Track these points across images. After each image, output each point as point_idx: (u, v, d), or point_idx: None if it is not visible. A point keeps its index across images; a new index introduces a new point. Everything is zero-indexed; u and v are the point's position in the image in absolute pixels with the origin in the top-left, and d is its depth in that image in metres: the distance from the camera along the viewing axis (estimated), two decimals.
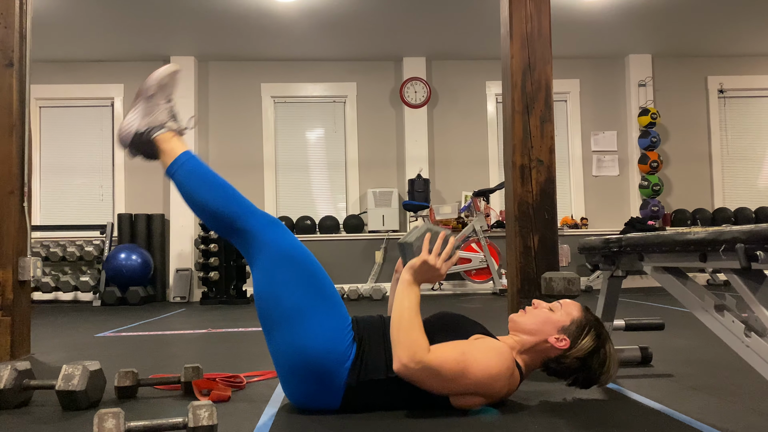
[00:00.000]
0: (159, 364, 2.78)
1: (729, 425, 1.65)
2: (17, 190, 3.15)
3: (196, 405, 1.56)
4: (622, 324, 2.53)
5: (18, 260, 3.15)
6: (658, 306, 4.99)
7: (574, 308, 1.89)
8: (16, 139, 3.16)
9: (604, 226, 7.82)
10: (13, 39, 3.19)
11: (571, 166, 7.93)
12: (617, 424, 1.67)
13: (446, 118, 7.83)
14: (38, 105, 7.60)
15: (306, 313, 1.77)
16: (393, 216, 7.42)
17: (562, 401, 1.94)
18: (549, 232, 3.29)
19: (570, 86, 7.95)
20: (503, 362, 1.73)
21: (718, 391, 2.04)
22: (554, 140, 3.32)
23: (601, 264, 2.34)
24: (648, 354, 2.57)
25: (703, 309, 1.73)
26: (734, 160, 8.06)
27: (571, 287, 2.73)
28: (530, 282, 3.25)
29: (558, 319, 1.85)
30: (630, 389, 2.10)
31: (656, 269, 1.95)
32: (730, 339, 1.61)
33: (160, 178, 7.54)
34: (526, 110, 3.31)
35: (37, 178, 7.53)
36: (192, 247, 7.31)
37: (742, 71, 8.06)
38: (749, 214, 7.73)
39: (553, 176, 3.33)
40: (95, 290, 6.85)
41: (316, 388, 1.78)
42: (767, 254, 1.41)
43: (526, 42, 3.33)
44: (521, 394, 2.04)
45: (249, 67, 7.72)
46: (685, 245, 1.70)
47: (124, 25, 6.51)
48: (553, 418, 1.75)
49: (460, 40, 7.22)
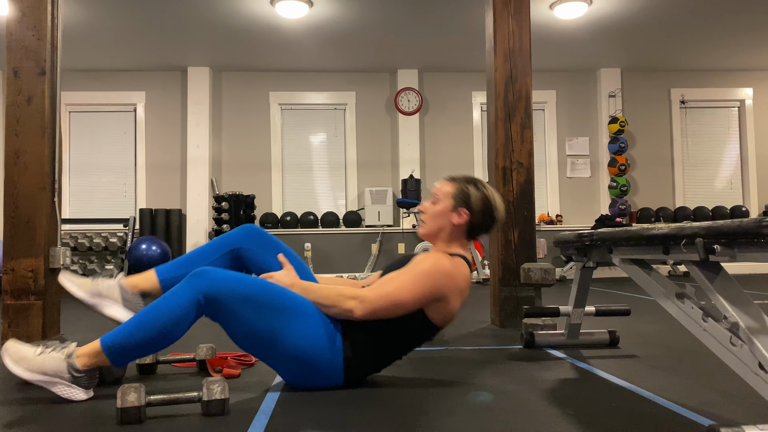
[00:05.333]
0: (176, 344, 2.77)
1: (687, 400, 1.65)
2: (48, 186, 3.13)
3: (209, 380, 1.56)
4: (592, 310, 2.54)
5: (49, 250, 3.13)
6: (626, 294, 5.00)
7: (446, 186, 1.95)
8: (47, 141, 3.15)
9: (577, 223, 7.83)
10: (45, 49, 3.17)
11: (548, 169, 7.93)
12: (587, 399, 1.67)
13: (436, 124, 7.81)
14: (68, 110, 7.56)
15: (280, 329, 1.71)
16: (388, 212, 7.41)
17: (533, 378, 1.95)
18: (527, 228, 3.29)
19: (547, 96, 7.94)
20: (434, 258, 1.80)
21: (678, 371, 2.04)
22: (533, 145, 3.32)
23: (574, 256, 2.34)
24: (615, 337, 2.57)
25: (665, 297, 1.73)
26: (694, 164, 8.08)
27: (547, 276, 2.73)
28: (510, 272, 3.25)
29: (445, 204, 1.92)
30: (599, 368, 2.10)
31: (624, 261, 1.95)
32: (689, 324, 1.62)
33: (178, 176, 7.52)
34: (508, 118, 3.32)
35: (66, 176, 7.50)
36: (206, 239, 7.29)
37: (702, 84, 8.07)
38: (707, 212, 7.76)
39: (531, 177, 3.34)
40: None
41: (321, 375, 1.78)
42: (723, 248, 1.41)
43: (508, 56, 3.33)
44: (493, 373, 2.04)
45: (258, 77, 7.69)
46: (650, 239, 1.70)
47: (146, 38, 6.48)
48: (526, 394, 1.75)
49: (449, 54, 7.20)
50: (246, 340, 1.74)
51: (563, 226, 7.68)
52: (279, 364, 1.77)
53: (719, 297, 1.47)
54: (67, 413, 1.60)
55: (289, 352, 1.73)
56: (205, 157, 7.33)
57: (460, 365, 2.19)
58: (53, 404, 1.68)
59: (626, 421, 1.46)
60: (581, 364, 2.18)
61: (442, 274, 1.79)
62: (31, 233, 3.08)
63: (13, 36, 3.15)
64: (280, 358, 1.75)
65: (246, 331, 1.71)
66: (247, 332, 1.71)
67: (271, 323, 1.70)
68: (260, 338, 1.72)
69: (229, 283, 1.68)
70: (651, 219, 7.72)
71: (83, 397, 1.69)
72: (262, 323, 1.70)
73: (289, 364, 1.75)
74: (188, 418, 1.54)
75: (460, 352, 2.48)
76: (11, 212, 3.09)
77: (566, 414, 1.53)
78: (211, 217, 7.28)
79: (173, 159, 7.55)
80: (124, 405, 1.47)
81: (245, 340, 1.74)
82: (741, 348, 1.41)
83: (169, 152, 7.56)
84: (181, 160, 7.53)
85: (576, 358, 2.29)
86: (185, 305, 1.66)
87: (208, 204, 7.31)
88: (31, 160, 3.11)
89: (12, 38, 3.15)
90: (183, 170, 7.52)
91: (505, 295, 3.22)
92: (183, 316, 1.66)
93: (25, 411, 1.63)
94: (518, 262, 3.25)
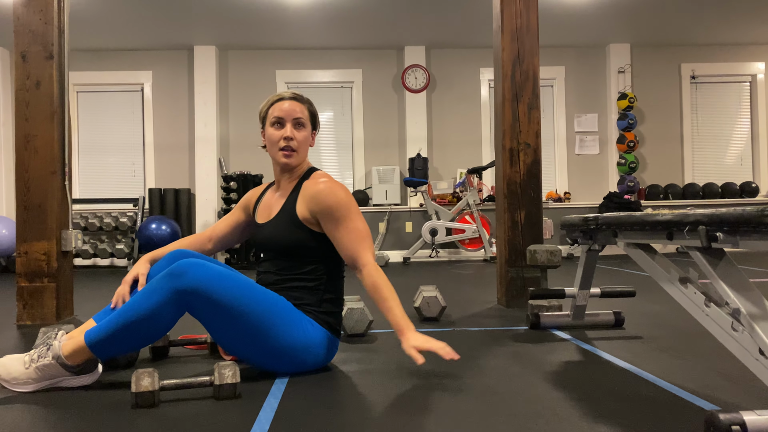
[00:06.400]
0: (188, 325, 2.83)
1: (688, 383, 1.68)
2: (59, 170, 3.17)
3: (221, 365, 1.60)
4: (598, 292, 2.56)
5: (61, 233, 3.18)
6: (633, 272, 5.01)
7: (291, 111, 1.94)
8: (57, 125, 3.17)
9: (585, 200, 7.81)
10: (52, 33, 3.18)
11: (556, 146, 7.90)
12: (589, 382, 1.70)
13: (443, 102, 7.77)
14: (75, 90, 7.57)
15: (263, 329, 1.72)
16: (395, 191, 7.42)
17: (537, 361, 1.98)
18: (534, 209, 3.31)
19: (556, 73, 7.87)
20: (342, 189, 1.91)
21: (682, 353, 2.07)
22: (540, 125, 3.31)
23: (579, 239, 2.35)
24: (621, 318, 2.60)
25: (669, 281, 1.75)
26: (703, 140, 8.01)
27: (553, 258, 2.75)
28: (517, 253, 3.27)
29: (304, 131, 1.96)
30: (603, 350, 2.13)
31: (628, 245, 1.97)
32: (692, 308, 1.64)
33: (186, 156, 7.54)
34: (515, 98, 3.30)
35: (76, 157, 7.54)
36: (215, 218, 7.34)
37: (713, 59, 7.97)
38: (716, 189, 7.71)
39: (538, 158, 3.34)
40: (130, 257, 6.91)
41: (314, 355, 1.83)
42: (726, 235, 1.43)
43: (515, 36, 3.31)
44: (498, 355, 2.07)
45: (265, 56, 7.65)
46: (654, 225, 1.71)
47: (152, 18, 6.46)
48: (530, 377, 1.78)
49: (457, 31, 7.14)
50: (229, 341, 1.73)
51: (571, 203, 7.67)
52: (270, 364, 1.79)
53: (721, 283, 1.49)
54: (83, 398, 1.65)
55: (279, 344, 1.74)
56: (212, 136, 7.34)
57: (466, 347, 2.22)
58: (68, 390, 1.72)
59: (627, 404, 1.50)
60: (586, 345, 2.21)
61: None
62: (43, 216, 3.12)
63: (20, 20, 3.16)
64: (271, 353, 1.76)
65: (229, 332, 1.70)
66: (230, 333, 1.70)
67: (256, 323, 1.70)
68: (246, 339, 1.72)
69: (210, 282, 1.65)
70: (659, 196, 7.69)
71: (91, 380, 1.73)
72: (246, 325, 1.69)
73: (280, 355, 1.77)
74: (201, 401, 1.58)
75: (466, 333, 2.51)
76: (23, 196, 3.13)
77: (569, 398, 1.56)
78: (219, 197, 7.32)
79: (181, 138, 7.57)
80: (138, 390, 1.51)
81: (228, 340, 1.73)
82: (742, 333, 1.44)
83: (177, 132, 7.58)
84: (189, 139, 7.55)
85: (581, 340, 2.32)
86: (163, 304, 1.63)
87: (217, 183, 7.34)
88: (41, 144, 3.14)
89: (19, 23, 3.16)
90: (191, 150, 7.54)
91: (511, 276, 3.24)
92: (163, 315, 1.64)
93: (39, 398, 1.68)
94: (525, 243, 3.27)
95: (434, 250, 7.22)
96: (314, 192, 1.86)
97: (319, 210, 1.85)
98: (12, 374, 1.67)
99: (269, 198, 2.04)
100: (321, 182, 1.88)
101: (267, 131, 1.95)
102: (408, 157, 7.48)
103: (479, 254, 7.46)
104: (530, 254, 2.79)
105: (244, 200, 2.13)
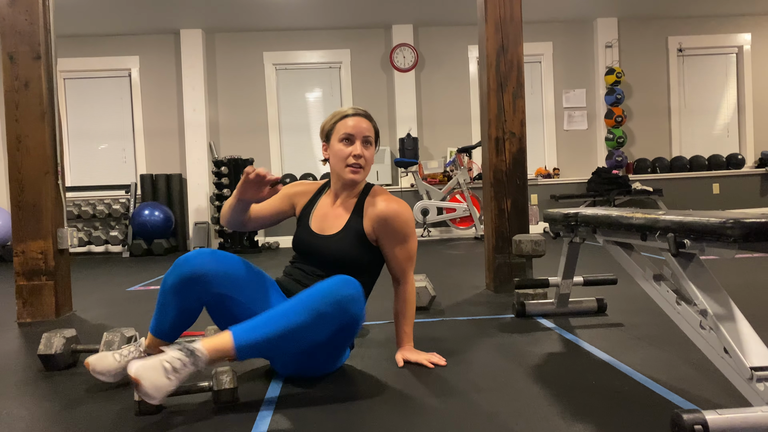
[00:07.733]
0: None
1: (663, 376, 1.78)
2: (52, 170, 3.21)
3: (219, 371, 1.68)
4: (580, 280, 2.65)
5: (56, 231, 3.24)
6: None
7: (360, 128, 1.97)
8: (47, 124, 3.20)
9: (574, 176, 7.89)
10: (39, 33, 3.19)
11: (545, 122, 7.95)
12: (569, 377, 1.80)
13: (432, 80, 7.78)
14: (62, 77, 7.53)
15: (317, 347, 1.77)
16: (386, 172, 7.48)
17: (520, 353, 2.07)
18: (520, 197, 3.38)
19: (544, 48, 7.88)
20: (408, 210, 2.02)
21: (659, 341, 2.17)
22: (525, 114, 3.36)
23: (562, 232, 2.43)
24: (603, 304, 2.70)
25: (644, 278, 1.83)
26: (690, 113, 8.08)
27: (537, 248, 2.83)
28: (504, 240, 3.36)
29: (371, 149, 2.01)
30: (584, 340, 2.23)
31: (607, 241, 2.06)
32: (665, 305, 1.73)
33: (177, 141, 7.55)
34: (500, 88, 3.35)
35: (66, 144, 7.53)
36: (208, 202, 7.39)
37: (700, 31, 7.99)
38: (703, 161, 7.81)
39: (524, 147, 3.40)
40: (124, 243, 6.97)
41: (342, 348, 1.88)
42: (693, 242, 1.51)
43: (499, 26, 3.34)
44: (484, 348, 2.17)
45: (252, 38, 7.62)
46: (629, 227, 1.79)
47: (137, 2, 6.40)
48: (513, 372, 1.88)
49: (444, 8, 7.12)
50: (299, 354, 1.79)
51: (560, 179, 7.75)
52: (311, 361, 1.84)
53: (690, 284, 1.57)
54: (87, 407, 1.73)
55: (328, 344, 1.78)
56: (202, 121, 7.34)
57: (454, 340, 2.32)
58: (74, 398, 1.81)
59: (603, 400, 1.59)
60: (568, 335, 2.31)
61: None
62: (38, 216, 3.18)
63: (6, 21, 3.17)
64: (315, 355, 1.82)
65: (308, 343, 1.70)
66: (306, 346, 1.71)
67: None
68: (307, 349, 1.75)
69: (362, 316, 1.75)
70: (647, 170, 7.78)
71: None
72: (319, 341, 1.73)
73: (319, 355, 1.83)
74: (202, 405, 1.67)
75: (454, 323, 2.61)
76: (17, 196, 3.17)
77: (548, 394, 1.66)
78: (211, 182, 7.35)
79: (171, 124, 7.57)
80: (141, 398, 1.59)
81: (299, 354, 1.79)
82: (709, 332, 1.53)
83: (166, 117, 7.57)
84: (179, 124, 7.55)
85: (564, 329, 2.41)
86: (327, 329, 1.68)
87: (208, 168, 7.37)
88: (33, 145, 3.18)
89: (5, 23, 3.17)
90: (181, 135, 7.55)
91: (499, 263, 3.33)
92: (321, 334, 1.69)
93: (45, 406, 1.76)
94: (512, 231, 3.35)
95: (426, 230, 7.31)
96: (383, 214, 1.94)
97: (386, 231, 1.95)
98: (156, 385, 1.49)
99: (326, 208, 2.04)
100: (388, 203, 1.95)
101: (334, 146, 1.97)
102: (398, 137, 7.52)
103: (470, 232, 7.55)
104: (515, 244, 2.87)
105: (291, 193, 2.12)
